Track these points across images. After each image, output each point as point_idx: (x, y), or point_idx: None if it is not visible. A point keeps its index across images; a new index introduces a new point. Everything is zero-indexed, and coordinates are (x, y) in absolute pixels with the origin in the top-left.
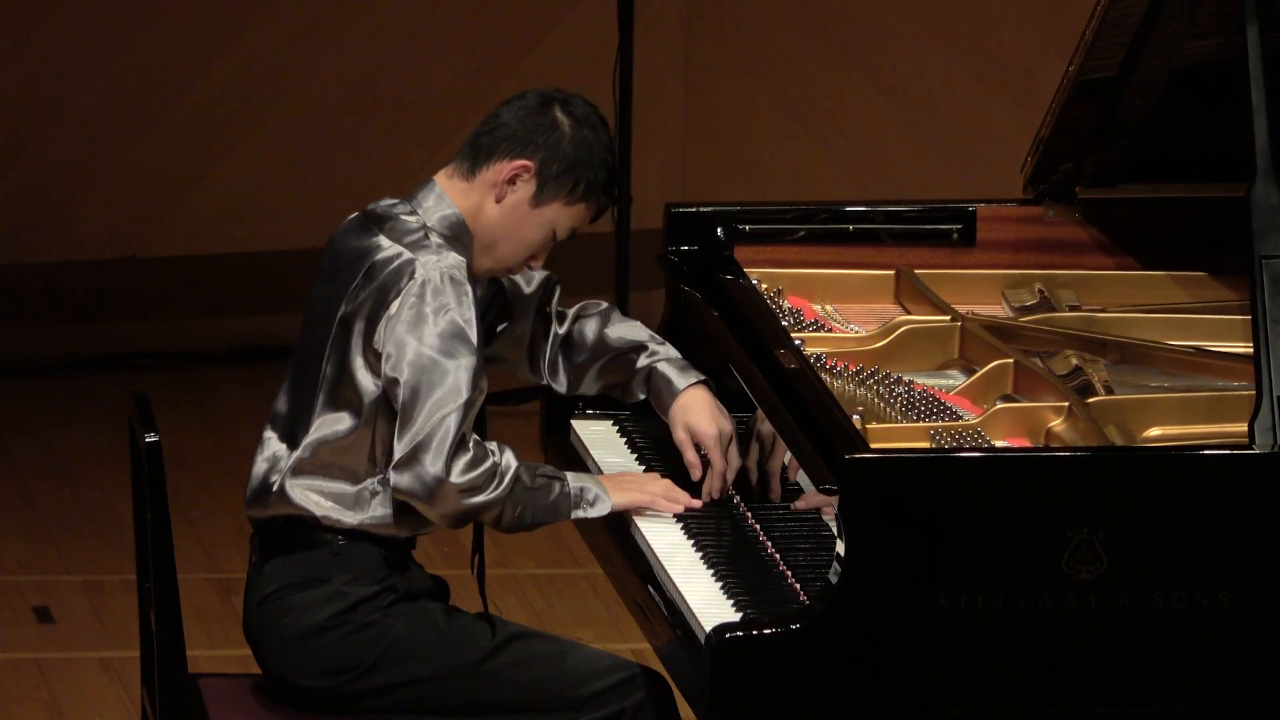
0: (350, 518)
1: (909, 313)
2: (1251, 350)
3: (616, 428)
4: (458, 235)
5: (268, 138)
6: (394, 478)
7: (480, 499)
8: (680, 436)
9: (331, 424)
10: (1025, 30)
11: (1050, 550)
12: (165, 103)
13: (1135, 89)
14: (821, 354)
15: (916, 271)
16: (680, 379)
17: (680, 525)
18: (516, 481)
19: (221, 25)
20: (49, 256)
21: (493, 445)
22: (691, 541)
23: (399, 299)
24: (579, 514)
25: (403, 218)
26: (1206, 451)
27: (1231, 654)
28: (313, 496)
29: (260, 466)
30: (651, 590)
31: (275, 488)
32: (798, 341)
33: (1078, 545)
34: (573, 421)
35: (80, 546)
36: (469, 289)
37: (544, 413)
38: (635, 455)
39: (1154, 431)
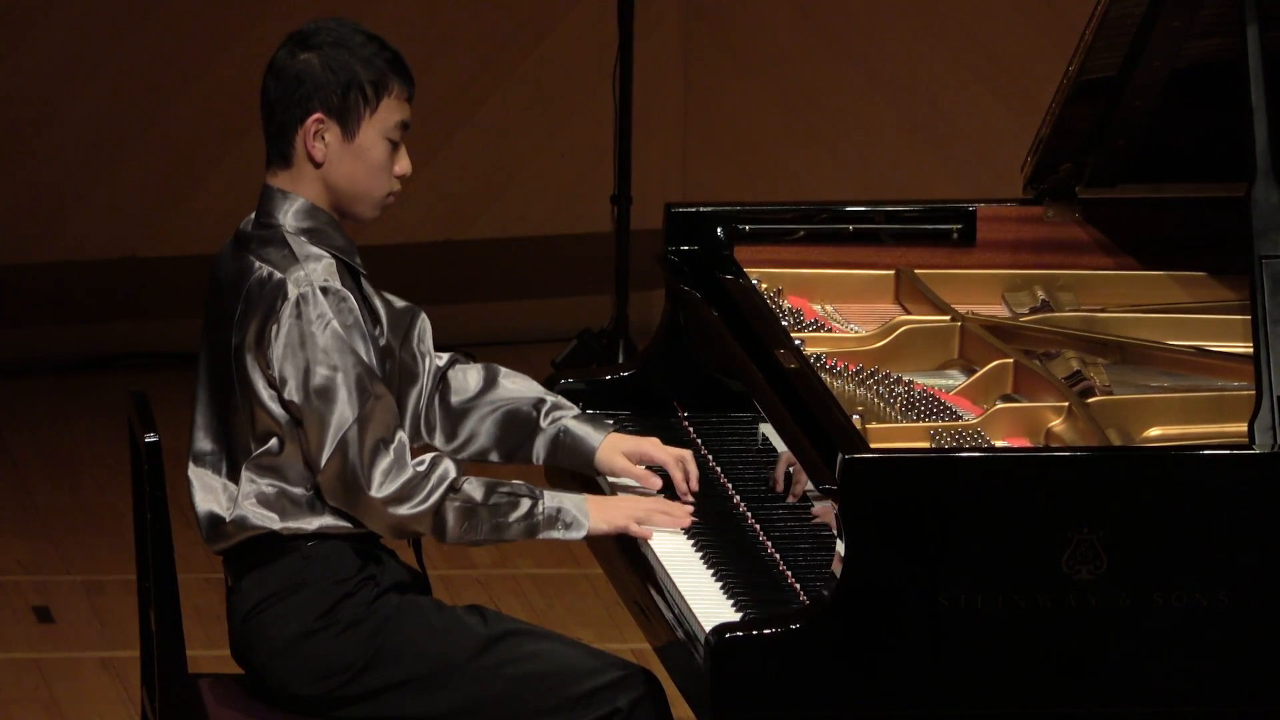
0: (311, 524)
1: (909, 313)
2: (1251, 350)
3: (617, 428)
4: (315, 220)
5: None
6: (326, 495)
7: (406, 510)
8: (620, 465)
9: (262, 446)
10: (1025, 30)
11: (1050, 550)
12: (165, 103)
13: (1135, 89)
14: (821, 354)
15: (916, 271)
16: (596, 431)
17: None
18: (453, 493)
19: (222, 25)
20: (49, 256)
21: (425, 457)
22: (691, 541)
23: (278, 324)
24: (552, 534)
25: (263, 233)
26: (1206, 451)
27: (1232, 654)
28: (268, 514)
29: (203, 508)
30: (651, 590)
31: (229, 520)
32: (798, 341)
33: (1078, 545)
34: None
35: (80, 546)
36: (346, 293)
37: None
38: None
39: (1154, 431)
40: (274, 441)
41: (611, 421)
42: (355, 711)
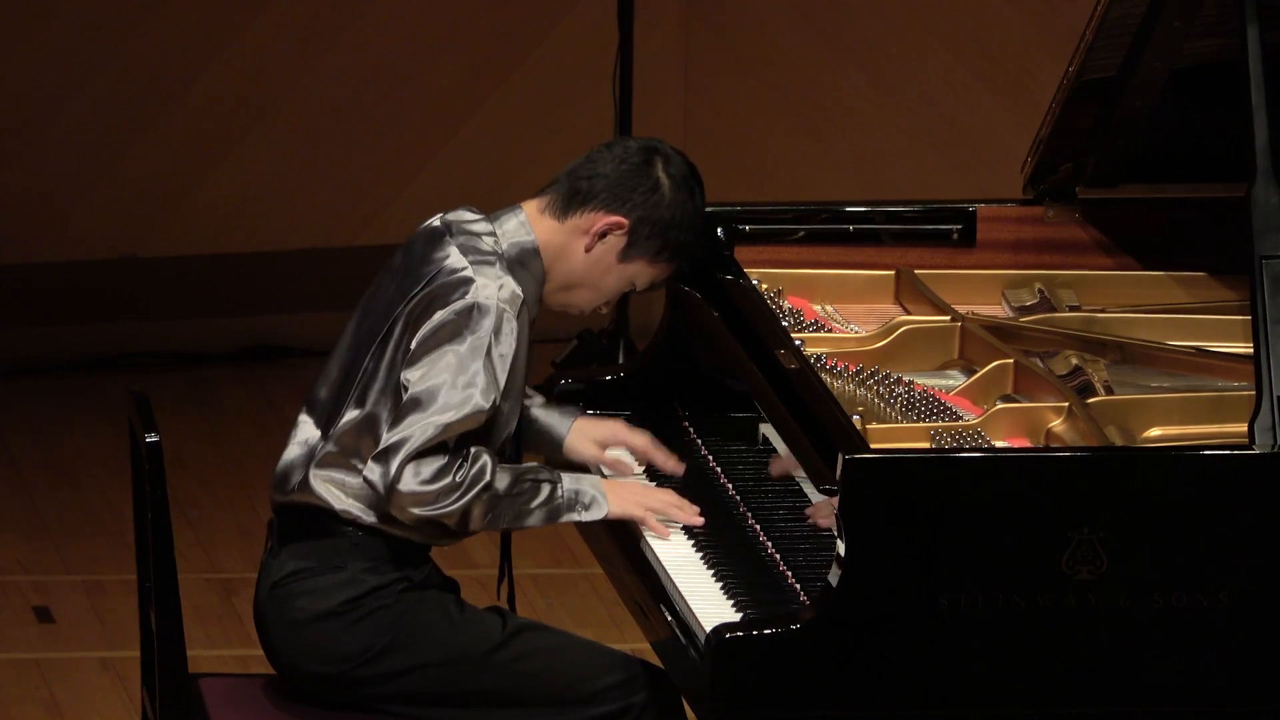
0: (369, 516)
1: (909, 313)
2: (1251, 350)
3: (582, 413)
4: (527, 264)
5: (268, 138)
6: (366, 467)
7: (426, 511)
8: (591, 453)
9: (363, 415)
10: (1025, 30)
11: (1050, 550)
12: (165, 103)
13: (1135, 89)
14: (821, 354)
15: (916, 271)
16: (563, 417)
17: (681, 525)
18: (486, 491)
19: (221, 25)
20: (49, 256)
21: (462, 460)
22: (691, 542)
23: (444, 310)
24: (573, 517)
25: (479, 235)
26: (1206, 451)
27: (1232, 654)
28: (334, 491)
29: (292, 451)
30: (651, 590)
31: (300, 478)
32: (798, 341)
33: (1078, 545)
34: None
35: (80, 546)
36: (515, 325)
37: None
38: (636, 456)
39: (1154, 431)
40: (377, 413)
41: (577, 406)
42: (367, 694)
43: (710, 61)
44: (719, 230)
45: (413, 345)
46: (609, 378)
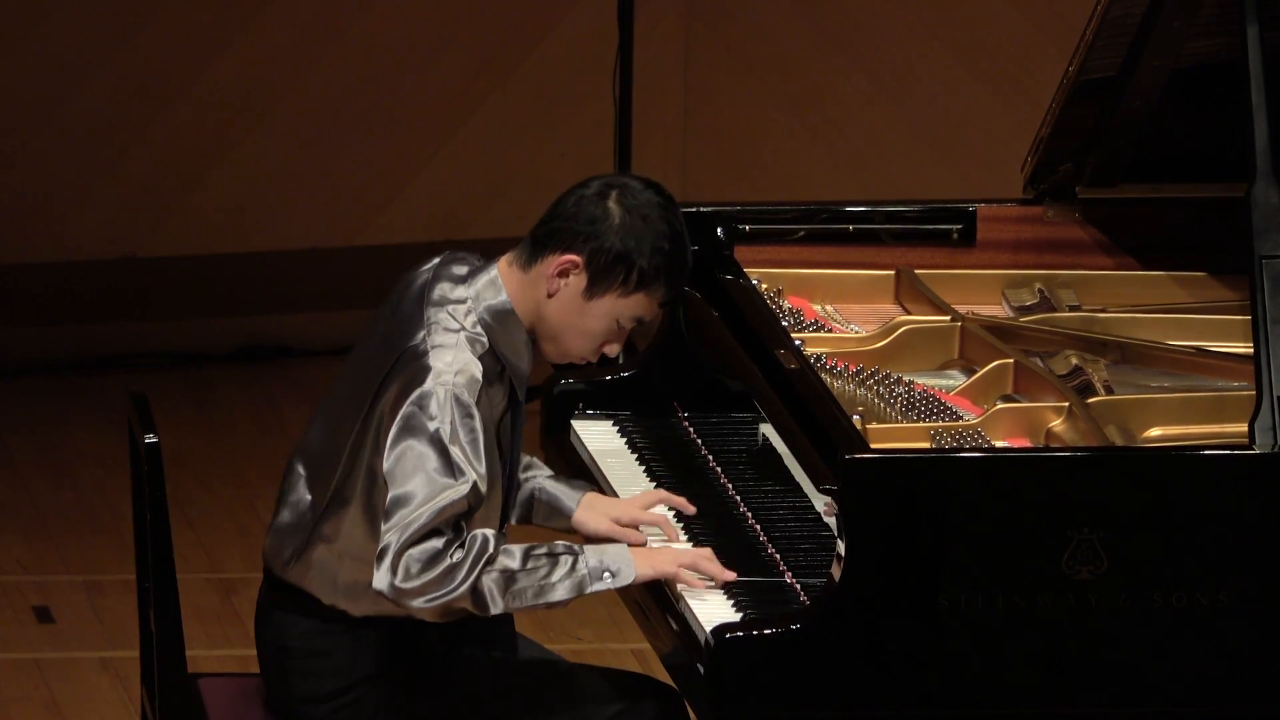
0: (357, 610)
1: (909, 313)
2: (1251, 350)
3: (616, 428)
4: (506, 325)
5: (268, 138)
6: (374, 577)
7: (433, 601)
8: (604, 526)
9: (346, 512)
10: (1025, 30)
11: (1050, 550)
12: (165, 103)
13: (1135, 89)
14: (821, 354)
15: (916, 271)
16: (572, 490)
17: (680, 525)
18: (488, 566)
19: (221, 25)
20: (49, 256)
21: (459, 544)
22: (692, 542)
23: (405, 404)
24: (601, 586)
25: (451, 303)
26: (1206, 451)
27: (1232, 654)
28: (324, 586)
29: (285, 517)
30: (650, 590)
31: (292, 559)
32: (798, 341)
33: (1078, 545)
34: (573, 421)
35: (80, 546)
36: (473, 410)
37: (544, 413)
38: (635, 455)
39: (1154, 431)
40: (357, 502)
41: (587, 486)
42: None
43: (710, 61)
44: (719, 230)
45: (380, 438)
46: (609, 378)
